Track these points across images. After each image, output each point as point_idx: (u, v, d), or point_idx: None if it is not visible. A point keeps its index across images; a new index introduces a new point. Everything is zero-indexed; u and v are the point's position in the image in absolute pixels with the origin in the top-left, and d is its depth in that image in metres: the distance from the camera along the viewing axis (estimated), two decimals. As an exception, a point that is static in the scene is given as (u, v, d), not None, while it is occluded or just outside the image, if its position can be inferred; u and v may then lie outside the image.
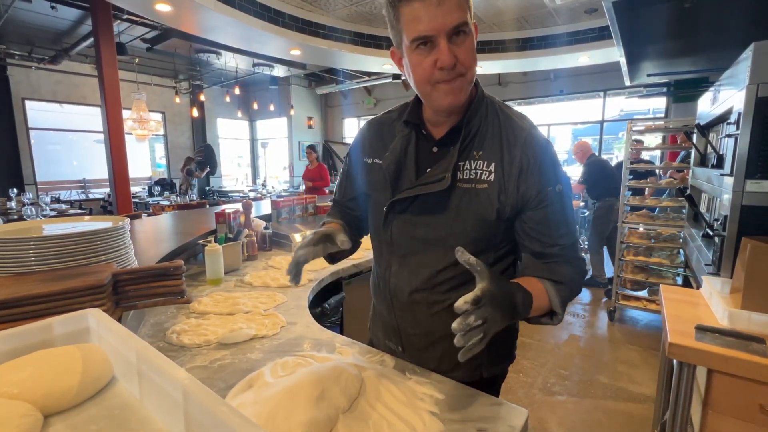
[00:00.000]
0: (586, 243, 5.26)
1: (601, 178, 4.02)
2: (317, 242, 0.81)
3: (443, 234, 0.78)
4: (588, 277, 4.32)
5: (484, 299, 0.58)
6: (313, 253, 0.81)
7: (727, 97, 1.66)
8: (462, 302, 0.57)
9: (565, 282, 0.75)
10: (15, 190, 5.17)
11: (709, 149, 2.06)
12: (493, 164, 0.75)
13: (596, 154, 4.32)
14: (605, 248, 4.17)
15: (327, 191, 5.78)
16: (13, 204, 4.91)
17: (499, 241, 0.79)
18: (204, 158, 7.58)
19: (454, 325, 0.57)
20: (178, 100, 8.09)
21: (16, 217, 4.37)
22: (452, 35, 0.67)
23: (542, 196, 0.74)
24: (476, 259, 0.63)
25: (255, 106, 8.90)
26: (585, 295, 4.02)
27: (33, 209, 4.31)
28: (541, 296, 0.73)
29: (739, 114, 1.38)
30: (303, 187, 7.76)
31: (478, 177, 0.76)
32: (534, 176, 0.74)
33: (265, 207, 2.82)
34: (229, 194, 7.71)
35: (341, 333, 1.63)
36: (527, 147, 0.75)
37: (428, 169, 0.79)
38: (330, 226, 0.91)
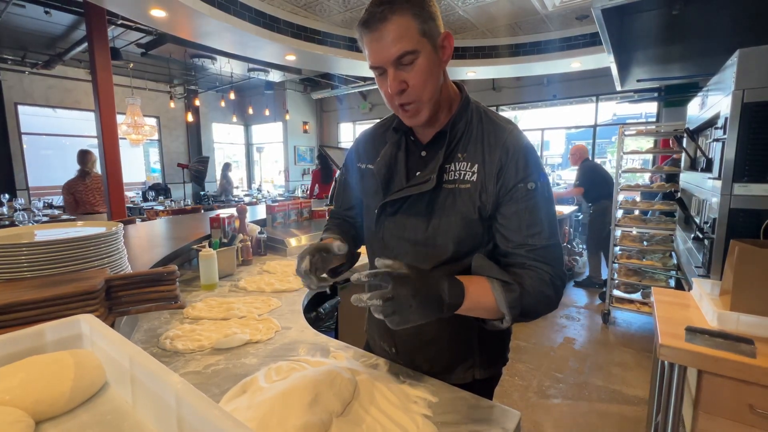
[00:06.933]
0: (581, 246, 5.32)
1: (596, 181, 4.07)
2: (313, 252, 0.81)
3: (431, 234, 0.80)
4: (585, 277, 4.40)
5: (391, 279, 0.63)
6: (312, 262, 0.80)
7: (714, 102, 1.69)
8: (356, 276, 0.65)
9: (515, 284, 0.71)
10: (7, 196, 5.10)
11: (699, 153, 2.09)
12: (476, 165, 0.78)
13: (590, 158, 4.39)
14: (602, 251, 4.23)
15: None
16: (4, 209, 4.84)
17: (486, 241, 0.80)
18: (204, 168, 7.60)
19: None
20: (172, 104, 8.07)
21: (7, 222, 4.31)
22: (398, 64, 0.72)
23: (513, 191, 0.75)
24: (394, 261, 0.66)
25: (250, 110, 8.88)
26: (580, 297, 4.04)
27: (25, 215, 4.25)
28: (485, 293, 0.70)
29: (726, 119, 1.41)
30: (299, 192, 7.77)
31: (461, 177, 0.78)
32: (509, 172, 0.76)
33: (260, 212, 2.81)
34: (224, 199, 7.68)
35: (336, 338, 1.62)
36: (507, 145, 0.77)
37: (418, 173, 0.82)
38: (326, 241, 0.91)
